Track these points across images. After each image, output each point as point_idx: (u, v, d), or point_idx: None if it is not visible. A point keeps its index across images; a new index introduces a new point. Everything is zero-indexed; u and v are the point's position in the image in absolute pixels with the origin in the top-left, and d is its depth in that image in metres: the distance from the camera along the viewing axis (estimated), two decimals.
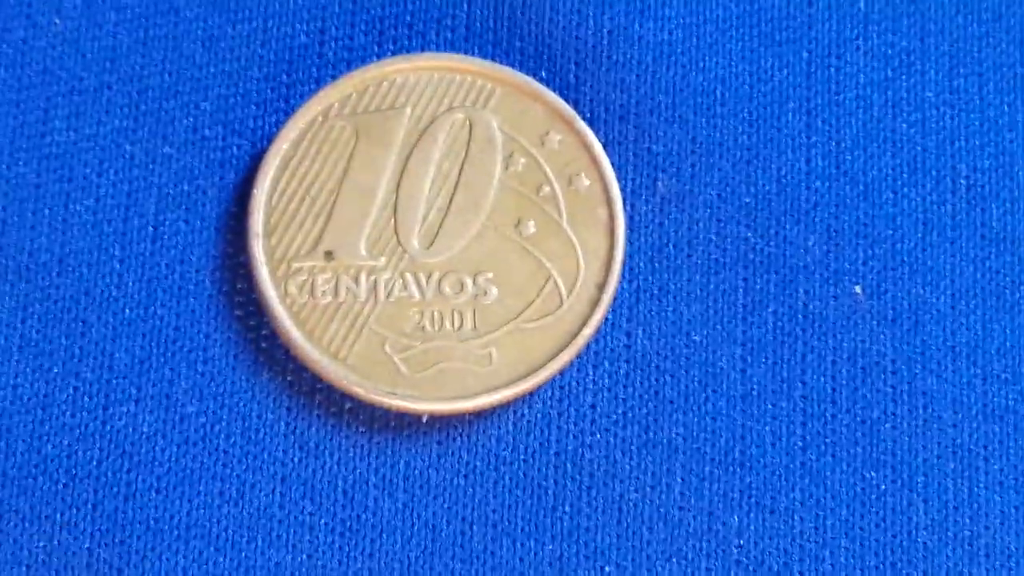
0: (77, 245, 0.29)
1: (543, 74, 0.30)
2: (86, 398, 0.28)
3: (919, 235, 0.30)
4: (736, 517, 0.28)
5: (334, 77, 0.30)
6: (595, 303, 0.29)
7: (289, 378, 0.29)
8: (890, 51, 0.30)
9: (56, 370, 0.29)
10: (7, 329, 0.29)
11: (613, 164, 0.29)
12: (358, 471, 0.28)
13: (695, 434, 0.29)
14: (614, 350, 0.29)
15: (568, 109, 0.29)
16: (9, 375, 0.28)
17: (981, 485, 0.29)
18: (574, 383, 0.29)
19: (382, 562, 0.28)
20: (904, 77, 0.30)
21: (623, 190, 0.29)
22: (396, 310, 0.28)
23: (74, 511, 0.28)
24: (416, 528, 0.28)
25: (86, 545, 0.28)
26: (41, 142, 0.29)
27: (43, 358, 0.29)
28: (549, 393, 0.29)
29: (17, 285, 0.29)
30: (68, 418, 0.28)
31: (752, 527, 0.28)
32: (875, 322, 0.29)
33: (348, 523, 0.28)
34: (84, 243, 0.29)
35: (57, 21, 0.30)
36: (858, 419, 0.29)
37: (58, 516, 0.28)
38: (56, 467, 0.28)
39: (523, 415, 0.29)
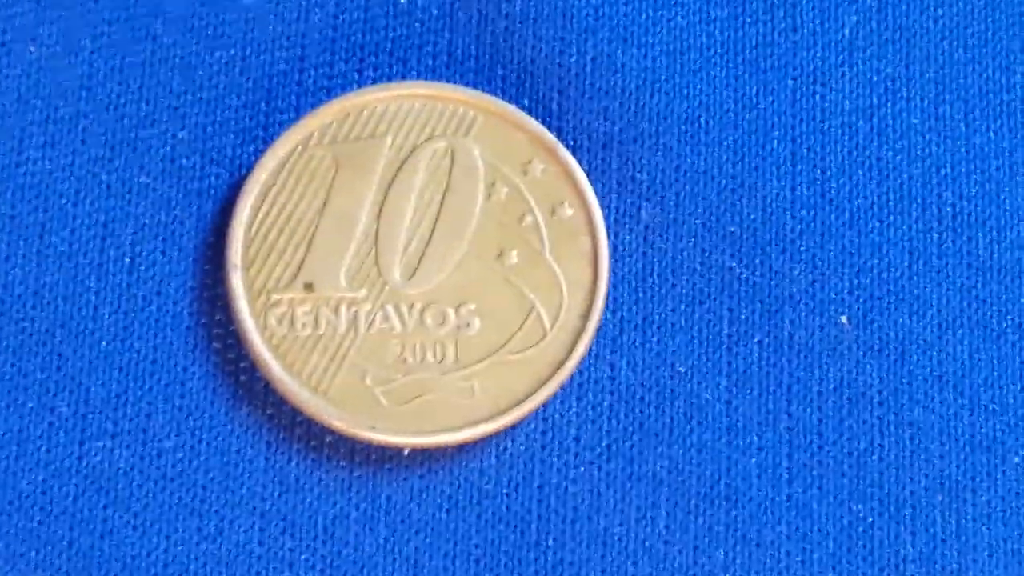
0: (52, 277, 0.29)
1: (525, 102, 0.30)
2: (61, 433, 0.28)
3: (905, 264, 0.29)
4: (722, 551, 0.28)
5: (314, 105, 0.29)
6: (579, 334, 0.28)
7: (268, 412, 0.28)
8: (875, 78, 0.30)
9: (31, 404, 0.28)
10: None
11: (596, 193, 0.29)
12: (339, 506, 0.28)
13: (680, 467, 0.28)
14: (598, 382, 0.29)
15: (551, 137, 0.29)
16: None
17: (969, 517, 0.28)
18: (557, 415, 0.29)
19: None
20: (889, 104, 0.30)
21: (606, 219, 0.29)
22: (377, 342, 0.28)
23: (49, 549, 0.28)
24: (398, 563, 0.28)
25: None
26: (15, 172, 0.29)
27: (17, 392, 0.28)
28: (532, 426, 0.28)
29: None
30: (43, 453, 0.28)
31: (738, 561, 0.28)
32: (861, 352, 0.29)
33: (329, 559, 0.28)
34: (59, 275, 0.29)
35: (32, 49, 0.29)
36: (844, 451, 0.29)
37: (33, 554, 0.28)
38: (31, 504, 0.28)
39: (506, 448, 0.28)
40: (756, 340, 0.29)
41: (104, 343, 0.28)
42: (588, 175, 0.29)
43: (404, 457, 0.28)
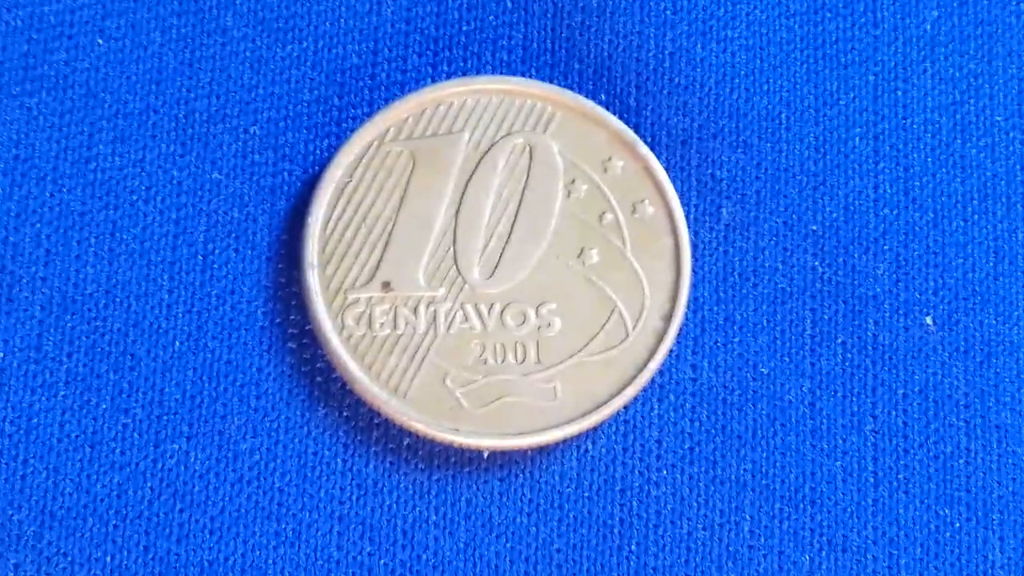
0: (124, 276, 0.28)
1: (603, 97, 0.29)
2: (136, 435, 0.27)
3: (990, 264, 0.29)
4: (807, 556, 0.28)
5: (387, 100, 0.29)
6: (661, 335, 0.28)
7: (346, 413, 0.28)
8: (958, 74, 0.29)
9: (104, 406, 0.27)
10: (53, 364, 0.28)
11: (676, 190, 0.28)
12: (418, 509, 0.27)
13: (764, 470, 0.28)
14: (679, 383, 0.28)
15: (630, 134, 0.28)
16: (56, 411, 0.27)
17: None
18: (639, 417, 0.28)
19: None
20: (972, 100, 0.29)
21: (687, 217, 0.28)
22: (457, 342, 0.28)
23: (125, 553, 0.27)
24: (478, 568, 0.27)
25: None
26: (85, 168, 0.28)
27: (91, 394, 0.28)
28: (614, 428, 0.28)
29: (63, 318, 0.28)
30: (117, 456, 0.27)
31: (824, 566, 0.28)
32: (947, 354, 0.28)
33: (408, 564, 0.27)
34: (131, 273, 0.28)
35: (100, 42, 0.29)
36: (931, 454, 0.28)
37: (108, 559, 0.27)
38: (106, 507, 0.27)
39: (587, 450, 0.28)
40: (839, 341, 0.28)
41: (178, 343, 0.28)
42: (667, 172, 0.28)
43: (484, 459, 0.28)
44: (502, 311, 0.28)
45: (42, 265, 0.28)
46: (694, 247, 0.28)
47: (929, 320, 0.29)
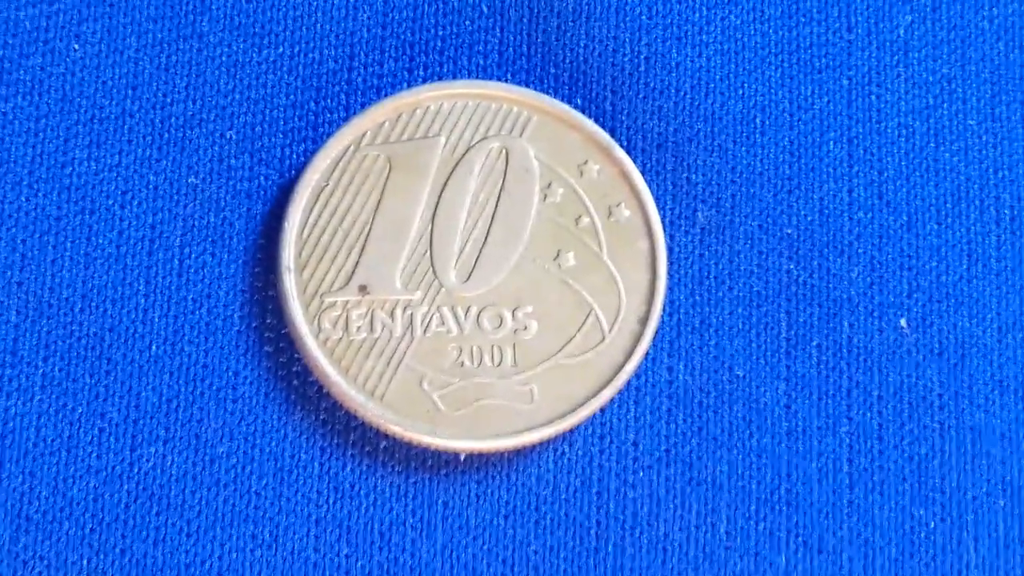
0: (100, 280, 0.28)
1: (579, 101, 0.29)
2: (112, 439, 0.27)
3: (964, 267, 0.29)
4: (783, 557, 0.28)
5: (363, 104, 0.29)
6: (637, 338, 0.28)
7: (323, 416, 0.28)
8: (931, 78, 0.30)
9: (80, 410, 0.27)
10: (29, 368, 0.28)
11: (652, 194, 0.28)
12: (395, 512, 0.28)
13: (740, 472, 0.28)
14: (655, 385, 0.28)
15: (606, 137, 0.28)
16: (32, 415, 0.27)
17: None
18: (616, 420, 0.28)
19: None
20: (946, 105, 0.30)
21: (662, 220, 0.28)
22: (433, 345, 0.28)
23: (101, 557, 0.27)
24: (455, 571, 0.27)
25: None
26: (61, 173, 0.28)
27: (67, 398, 0.27)
28: (590, 430, 0.28)
29: (38, 322, 0.28)
30: (94, 460, 0.27)
31: (799, 567, 0.28)
32: (921, 356, 0.29)
33: (385, 566, 0.27)
34: (107, 278, 0.28)
35: (76, 47, 0.29)
36: (905, 455, 0.28)
37: (85, 562, 0.27)
38: (82, 511, 0.27)
39: (564, 453, 0.28)
40: (814, 343, 0.29)
41: (154, 347, 0.28)
42: (643, 176, 0.28)
43: (461, 462, 0.28)
44: (479, 314, 0.28)
45: (17, 270, 0.28)
46: (670, 250, 0.29)
47: (903, 323, 0.29)
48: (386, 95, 0.29)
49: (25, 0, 0.29)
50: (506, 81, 0.29)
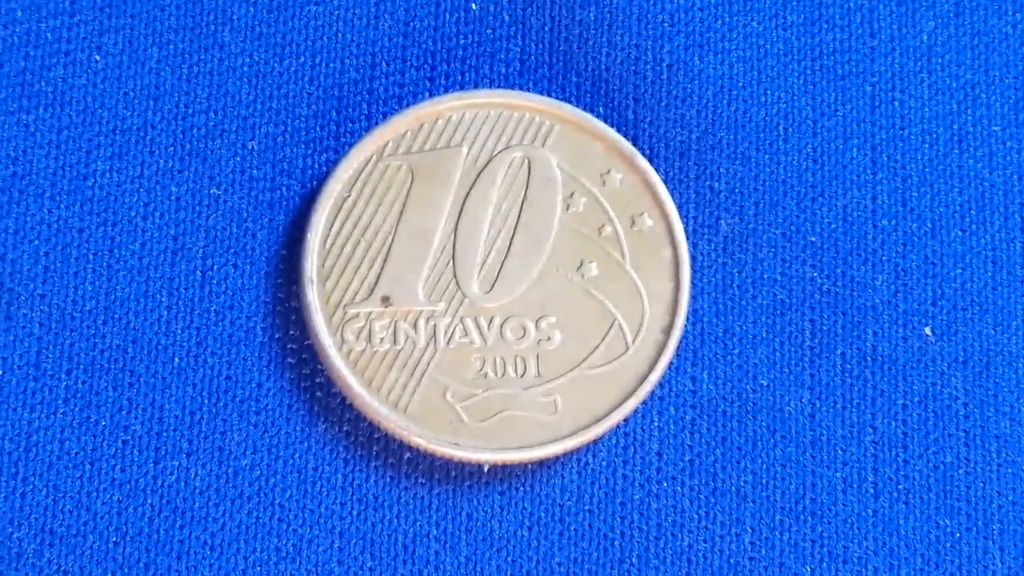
0: (123, 292, 0.28)
1: (601, 110, 0.29)
2: (136, 452, 0.27)
3: (988, 274, 0.29)
4: (808, 567, 0.28)
5: (385, 115, 0.29)
6: (661, 348, 0.28)
7: (346, 428, 0.28)
8: (955, 85, 0.30)
9: (104, 423, 0.27)
10: (52, 381, 0.28)
11: (674, 203, 0.28)
12: (419, 523, 0.27)
13: (764, 481, 0.28)
14: (679, 395, 0.28)
15: (629, 146, 0.28)
16: (55, 429, 0.27)
17: None
18: (639, 430, 0.28)
19: None
20: (969, 111, 0.29)
21: (685, 229, 0.28)
22: (457, 357, 0.28)
23: (125, 570, 0.27)
24: None
25: None
26: (84, 184, 0.28)
27: (90, 410, 0.27)
28: (614, 441, 0.28)
29: (62, 334, 0.28)
30: (117, 473, 0.27)
31: None
32: (946, 364, 0.28)
33: None
34: (130, 290, 0.28)
35: (97, 58, 0.29)
36: (930, 464, 0.28)
37: None
38: (106, 524, 0.27)
39: (588, 464, 0.28)
40: (839, 352, 0.28)
41: (177, 359, 0.28)
42: (666, 184, 0.28)
43: (484, 473, 0.28)
44: (502, 325, 0.28)
45: (41, 282, 0.28)
46: (693, 259, 0.28)
47: (928, 331, 0.29)
48: (408, 105, 0.29)
49: (47, 11, 0.29)
50: (528, 90, 0.29)
